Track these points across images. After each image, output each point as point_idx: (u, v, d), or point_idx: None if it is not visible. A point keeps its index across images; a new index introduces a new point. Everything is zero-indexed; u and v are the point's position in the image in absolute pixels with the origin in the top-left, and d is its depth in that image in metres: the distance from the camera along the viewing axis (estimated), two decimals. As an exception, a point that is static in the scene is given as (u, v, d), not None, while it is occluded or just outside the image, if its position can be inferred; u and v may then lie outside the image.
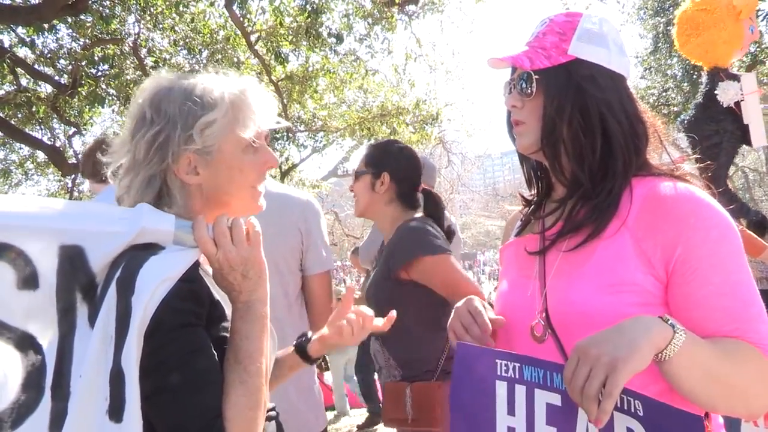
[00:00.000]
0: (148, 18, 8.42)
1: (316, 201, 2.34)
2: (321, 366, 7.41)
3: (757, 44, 9.58)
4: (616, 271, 1.09)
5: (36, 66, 8.82)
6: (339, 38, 9.38)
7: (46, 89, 9.29)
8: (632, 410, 0.91)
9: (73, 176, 10.26)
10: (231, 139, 1.15)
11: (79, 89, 8.31)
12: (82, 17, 7.66)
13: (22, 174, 12.98)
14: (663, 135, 1.26)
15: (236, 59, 9.79)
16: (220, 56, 9.54)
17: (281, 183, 5.39)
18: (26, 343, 1.00)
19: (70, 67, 8.68)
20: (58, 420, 0.98)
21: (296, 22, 9.04)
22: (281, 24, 8.84)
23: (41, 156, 11.48)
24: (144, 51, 8.93)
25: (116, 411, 0.93)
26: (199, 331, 1.04)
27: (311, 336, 1.49)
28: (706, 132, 3.42)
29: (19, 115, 9.04)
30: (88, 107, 8.89)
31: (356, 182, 2.33)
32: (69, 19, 7.68)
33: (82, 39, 8.45)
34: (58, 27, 8.02)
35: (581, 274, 1.13)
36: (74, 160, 9.65)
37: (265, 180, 1.25)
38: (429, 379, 2.08)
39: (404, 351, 2.13)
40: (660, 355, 0.93)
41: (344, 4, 9.69)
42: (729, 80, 3.31)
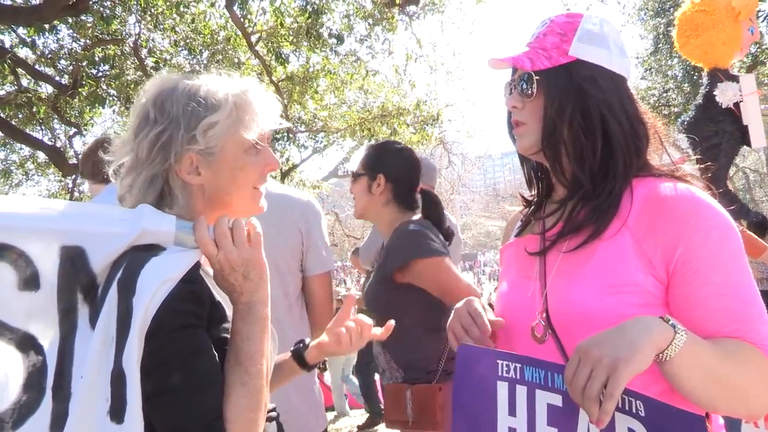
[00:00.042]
0: (149, 18, 8.43)
1: (317, 202, 2.34)
2: (320, 366, 7.41)
3: (758, 45, 9.57)
4: (617, 272, 1.09)
5: (37, 66, 8.82)
6: (339, 39, 9.39)
7: (47, 90, 9.29)
8: (633, 411, 0.91)
9: (74, 177, 10.26)
10: (234, 141, 1.15)
11: (80, 90, 8.31)
12: (83, 18, 7.66)
13: (23, 174, 12.99)
14: (663, 136, 1.26)
15: (237, 60, 9.79)
16: (221, 57, 9.54)
17: (282, 184, 5.39)
18: (27, 344, 1.00)
19: (71, 68, 8.68)
20: (59, 421, 0.98)
21: (297, 23, 9.04)
22: (282, 24, 8.84)
23: (42, 156, 11.49)
24: (145, 51, 8.93)
25: (117, 412, 0.93)
26: (200, 332, 1.04)
27: (309, 342, 1.49)
28: (706, 133, 3.42)
29: (20, 116, 9.05)
30: (89, 108, 8.90)
31: (354, 184, 2.33)
32: (70, 20, 7.68)
33: (83, 39, 8.45)
34: (59, 27, 8.03)
35: (582, 275, 1.13)
36: (75, 161, 9.64)
37: (266, 181, 1.25)
38: (430, 381, 2.08)
39: (404, 353, 2.13)
40: (661, 356, 0.93)
41: (345, 5, 9.70)
42: (728, 81, 3.30)
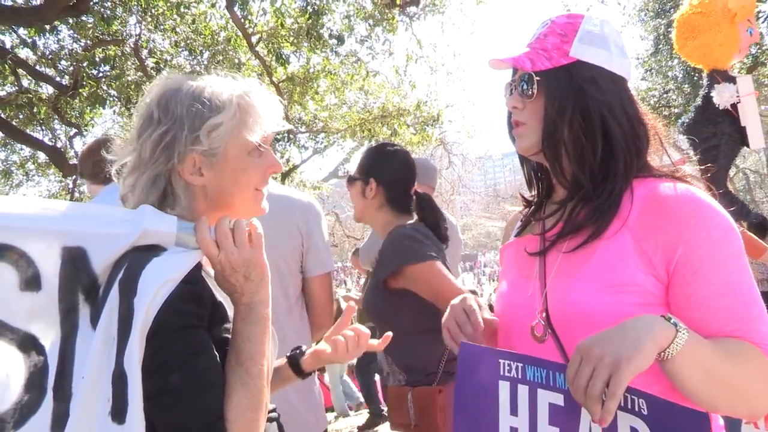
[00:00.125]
0: (150, 19, 8.43)
1: (317, 202, 2.34)
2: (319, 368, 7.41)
3: (758, 46, 9.57)
4: (617, 272, 1.10)
5: (37, 67, 8.82)
6: (340, 39, 9.40)
7: (48, 90, 9.29)
8: (636, 409, 0.91)
9: (74, 177, 10.25)
10: (237, 142, 1.15)
11: (81, 90, 8.32)
12: (84, 18, 7.67)
13: (23, 175, 12.98)
14: (664, 137, 1.26)
15: (237, 60, 9.79)
16: (222, 57, 9.54)
17: (282, 185, 5.39)
18: (29, 344, 1.01)
19: (72, 68, 8.68)
20: (60, 421, 0.98)
21: (297, 24, 9.05)
22: (282, 25, 8.84)
23: (42, 157, 11.49)
24: (145, 52, 8.93)
25: (119, 412, 0.93)
26: (201, 333, 1.04)
27: (305, 349, 1.49)
28: (705, 134, 3.42)
29: (21, 116, 9.05)
30: (89, 108, 8.90)
31: (350, 188, 2.34)
32: (70, 20, 7.69)
33: (84, 40, 8.45)
34: (60, 28, 8.03)
35: (582, 275, 1.14)
36: (75, 161, 9.64)
37: (268, 183, 1.25)
38: (431, 383, 2.08)
39: (405, 356, 2.13)
40: (662, 354, 0.93)
41: (345, 6, 9.71)
42: (725, 82, 3.30)
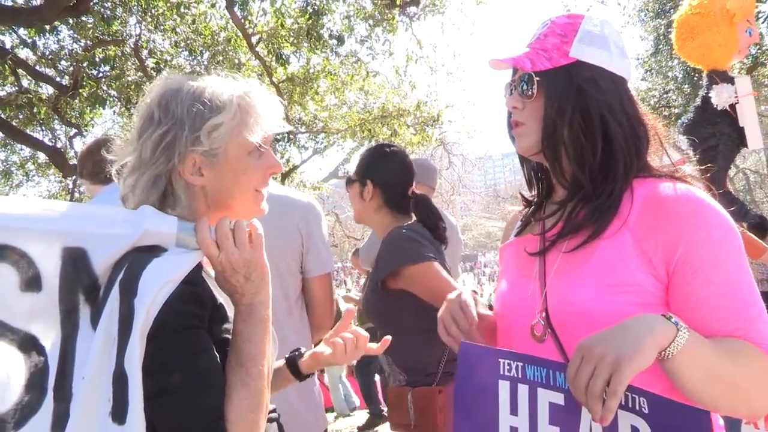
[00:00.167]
0: (150, 19, 8.43)
1: (317, 203, 2.34)
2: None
3: (758, 46, 9.57)
4: (617, 271, 1.10)
5: (37, 67, 8.82)
6: (340, 40, 9.39)
7: (48, 90, 9.29)
8: (637, 408, 0.91)
9: (74, 177, 10.25)
10: (237, 143, 1.15)
11: (81, 90, 8.32)
12: (84, 19, 7.66)
13: (23, 175, 12.99)
14: (664, 137, 1.26)
15: (237, 61, 9.79)
16: (222, 58, 9.54)
17: (282, 185, 5.38)
18: (29, 345, 1.01)
19: (72, 69, 8.69)
20: (61, 421, 0.98)
21: (297, 24, 9.05)
22: (282, 26, 8.84)
23: (42, 157, 11.49)
24: (145, 52, 8.93)
25: (119, 413, 0.93)
26: (202, 334, 1.04)
27: (304, 351, 1.49)
28: (703, 135, 3.41)
29: (21, 117, 9.05)
30: (89, 108, 8.91)
31: (349, 190, 2.34)
32: (70, 21, 7.69)
33: (84, 40, 8.45)
34: (60, 28, 8.03)
35: (581, 274, 1.14)
36: (75, 162, 9.64)
37: (268, 184, 1.25)
38: (430, 383, 2.08)
39: (405, 357, 2.14)
40: (663, 353, 0.93)
41: (345, 6, 9.70)
42: (724, 83, 3.30)
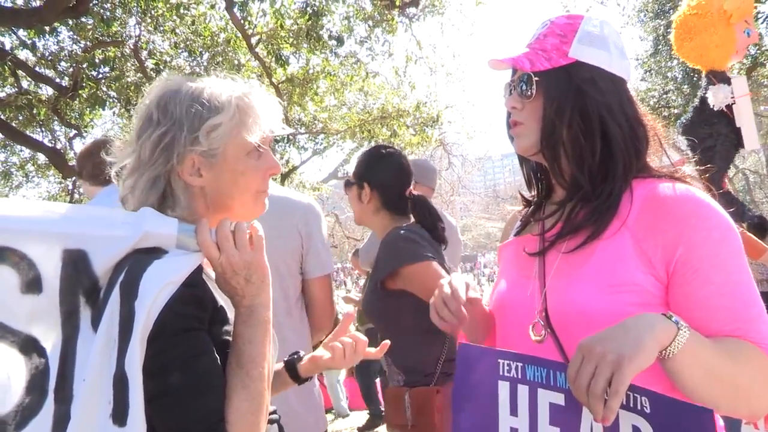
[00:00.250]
0: (149, 20, 8.42)
1: (317, 204, 2.34)
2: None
3: (757, 47, 9.57)
4: (616, 271, 1.10)
5: (37, 68, 8.82)
6: (339, 41, 9.39)
7: (47, 92, 9.28)
8: (638, 407, 0.90)
9: (74, 179, 10.25)
10: (236, 143, 1.15)
11: (80, 91, 8.31)
12: (83, 20, 7.66)
13: (23, 176, 12.98)
14: (663, 138, 1.26)
15: (237, 62, 9.78)
16: (221, 59, 9.53)
17: (282, 186, 5.38)
18: (30, 347, 1.00)
19: (71, 70, 8.67)
20: (61, 423, 0.98)
21: (297, 25, 9.05)
22: (282, 26, 8.84)
23: (42, 158, 11.48)
24: (145, 53, 8.92)
25: (120, 415, 0.93)
26: (202, 336, 1.04)
27: (303, 354, 1.49)
28: (701, 135, 3.42)
29: (20, 118, 9.03)
30: (89, 109, 8.91)
31: (347, 193, 2.34)
32: (70, 22, 7.68)
33: (83, 41, 8.45)
34: (59, 29, 8.02)
35: (581, 274, 1.13)
36: (75, 163, 9.63)
37: (268, 185, 1.25)
38: (428, 383, 2.08)
39: (403, 357, 2.14)
40: (664, 353, 0.93)
41: (345, 7, 9.70)
42: (720, 83, 3.30)
